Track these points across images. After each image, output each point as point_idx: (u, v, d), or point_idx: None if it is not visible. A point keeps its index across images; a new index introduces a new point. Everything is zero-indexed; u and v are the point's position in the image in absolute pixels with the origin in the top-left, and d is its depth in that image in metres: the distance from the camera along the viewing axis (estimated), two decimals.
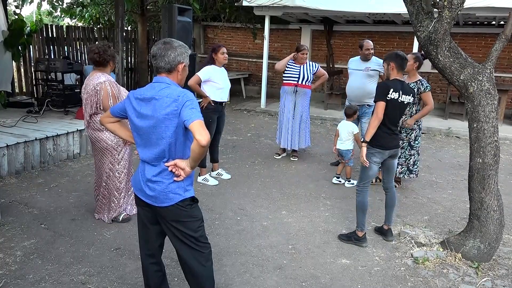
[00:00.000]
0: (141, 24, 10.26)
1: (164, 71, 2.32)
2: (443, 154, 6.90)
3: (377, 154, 3.61)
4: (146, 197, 2.38)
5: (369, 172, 3.67)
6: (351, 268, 3.36)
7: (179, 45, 2.33)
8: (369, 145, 3.61)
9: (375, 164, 3.64)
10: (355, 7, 8.39)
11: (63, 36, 9.65)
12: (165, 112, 2.22)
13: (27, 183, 4.90)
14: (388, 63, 3.66)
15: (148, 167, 2.37)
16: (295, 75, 5.89)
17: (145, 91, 2.33)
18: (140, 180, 2.40)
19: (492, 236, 3.40)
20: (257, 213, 4.32)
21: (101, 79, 3.71)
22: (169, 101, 2.22)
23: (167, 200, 2.33)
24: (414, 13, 3.53)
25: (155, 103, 2.25)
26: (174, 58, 2.30)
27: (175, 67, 2.32)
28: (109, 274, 3.14)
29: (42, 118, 6.37)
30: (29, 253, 3.38)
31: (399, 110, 3.65)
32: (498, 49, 3.31)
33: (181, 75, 2.38)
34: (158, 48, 2.31)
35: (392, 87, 3.54)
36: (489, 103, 3.32)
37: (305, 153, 6.62)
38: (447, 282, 3.19)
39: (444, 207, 4.66)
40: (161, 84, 2.31)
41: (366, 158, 3.60)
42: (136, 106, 2.33)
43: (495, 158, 3.35)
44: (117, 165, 3.89)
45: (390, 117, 3.59)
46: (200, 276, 2.50)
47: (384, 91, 3.54)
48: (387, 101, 3.51)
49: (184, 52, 2.34)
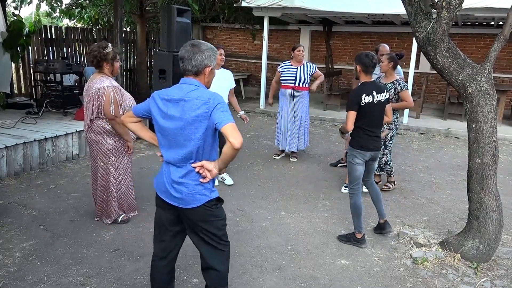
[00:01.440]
0: (140, 25, 10.26)
1: (191, 74, 2.32)
2: (442, 155, 6.90)
3: (359, 155, 3.65)
4: (172, 199, 2.37)
5: (356, 173, 3.69)
6: (350, 269, 3.36)
7: (206, 48, 2.31)
8: (351, 146, 3.68)
9: (358, 164, 3.68)
10: (354, 8, 8.40)
11: (62, 37, 9.65)
12: (194, 114, 2.22)
13: (26, 184, 4.89)
14: (355, 65, 3.66)
15: (173, 169, 2.35)
16: (292, 77, 5.91)
17: (172, 92, 2.32)
18: (165, 181, 2.38)
19: (491, 237, 3.41)
20: (256, 214, 4.32)
21: (105, 83, 3.62)
22: (199, 103, 2.21)
23: (194, 202, 2.32)
24: (412, 13, 3.54)
25: (184, 105, 2.25)
26: (201, 62, 2.29)
27: (202, 71, 2.31)
28: (108, 276, 3.13)
29: (41, 119, 6.37)
30: (28, 254, 3.37)
31: (378, 110, 3.66)
32: (496, 50, 3.31)
33: (208, 78, 2.37)
34: (185, 51, 2.30)
35: (364, 92, 3.54)
36: (488, 104, 3.32)
37: (304, 154, 6.62)
38: (446, 282, 3.19)
39: (443, 208, 4.67)
40: (189, 85, 2.30)
41: (349, 160, 3.70)
42: (162, 107, 2.32)
43: (494, 158, 3.35)
44: (113, 170, 3.82)
45: (370, 120, 3.62)
46: (219, 274, 2.50)
47: (356, 99, 3.54)
48: (362, 106, 3.52)
49: (211, 56, 2.32)
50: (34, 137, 5.36)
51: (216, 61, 4.13)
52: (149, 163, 5.81)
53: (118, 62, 3.78)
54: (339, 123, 8.78)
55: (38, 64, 7.31)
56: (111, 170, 3.82)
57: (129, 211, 4.05)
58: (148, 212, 4.21)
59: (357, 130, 3.63)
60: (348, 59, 11.56)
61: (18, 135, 5.38)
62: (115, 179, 3.85)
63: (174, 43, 6.37)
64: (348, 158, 3.74)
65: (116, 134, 3.76)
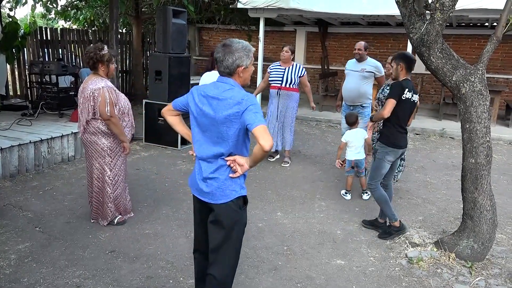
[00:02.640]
0: (136, 26, 10.25)
1: (226, 74, 2.35)
2: (437, 155, 6.94)
3: (391, 153, 3.74)
4: (203, 195, 2.41)
5: (382, 171, 3.81)
6: (346, 269, 3.38)
7: (236, 48, 2.31)
8: (385, 144, 3.75)
9: (389, 162, 3.78)
10: (349, 9, 8.43)
11: (58, 39, 9.63)
12: (226, 114, 2.26)
13: (21, 186, 4.88)
14: (398, 63, 3.77)
15: (204, 165, 2.40)
16: (279, 78, 5.91)
17: (209, 89, 2.36)
18: (197, 179, 2.43)
19: (485, 236, 3.43)
20: (252, 215, 4.33)
21: (100, 84, 3.63)
22: (232, 103, 2.25)
23: (224, 197, 2.36)
24: (406, 15, 3.56)
25: (217, 103, 2.29)
26: (232, 63, 2.30)
27: (234, 71, 2.33)
28: (104, 277, 3.13)
29: (36, 121, 6.35)
30: (23, 256, 3.36)
31: (410, 110, 3.79)
32: (489, 51, 3.34)
33: (243, 77, 2.38)
34: (217, 52, 2.33)
35: (407, 87, 3.67)
36: (481, 104, 3.35)
37: (300, 155, 6.63)
38: (441, 281, 3.22)
39: (438, 208, 4.69)
40: (225, 85, 2.34)
41: (380, 157, 3.75)
42: (199, 102, 2.36)
43: (487, 158, 3.38)
44: (109, 171, 3.82)
45: (403, 117, 3.74)
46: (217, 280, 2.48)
47: (399, 91, 3.64)
48: (402, 101, 3.64)
49: (243, 56, 2.31)
50: (30, 139, 5.35)
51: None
52: (145, 165, 5.81)
53: (113, 64, 3.78)
54: (335, 124, 8.81)
55: (34, 65, 7.29)
56: (107, 171, 3.82)
57: (125, 212, 4.05)
58: (144, 214, 4.22)
59: (389, 127, 3.72)
60: (344, 60, 11.58)
61: (13, 137, 5.36)
62: (110, 180, 3.85)
63: (169, 45, 6.38)
64: (379, 156, 3.79)
65: (111, 135, 3.76)
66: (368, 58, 5.58)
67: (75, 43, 10.12)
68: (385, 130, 3.77)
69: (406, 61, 3.73)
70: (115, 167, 3.85)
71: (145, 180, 5.21)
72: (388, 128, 3.75)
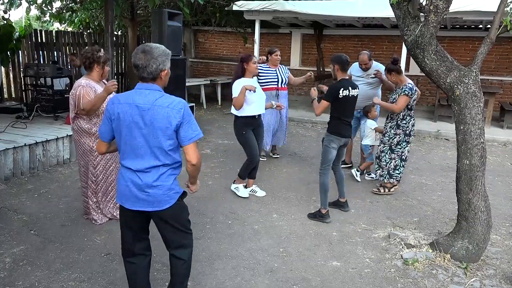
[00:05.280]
0: (131, 29, 10.25)
1: (149, 80, 2.37)
2: (432, 156, 6.97)
3: (335, 141, 4.22)
4: (143, 204, 2.41)
5: (329, 156, 4.24)
6: (342, 270, 3.39)
7: (158, 54, 2.34)
8: (329, 132, 4.25)
9: (333, 149, 4.23)
10: (344, 11, 8.46)
11: (53, 41, 9.61)
12: (166, 122, 2.28)
13: (16, 189, 4.86)
14: (333, 65, 4.18)
15: (142, 175, 2.38)
16: (274, 78, 5.98)
17: (136, 99, 2.33)
18: (132, 190, 2.40)
19: (480, 237, 3.45)
20: (248, 217, 4.33)
21: (82, 82, 3.80)
22: (170, 112, 2.29)
23: (171, 200, 2.42)
24: (401, 17, 3.59)
25: (153, 113, 2.29)
26: (156, 68, 2.33)
27: (158, 75, 2.37)
28: (99, 280, 3.12)
29: (31, 124, 6.33)
30: (18, 259, 3.35)
31: (352, 103, 4.27)
32: (483, 53, 3.37)
33: (164, 80, 2.44)
34: (138, 59, 2.32)
35: (341, 86, 4.09)
36: (475, 106, 3.37)
37: (296, 157, 6.64)
38: (436, 282, 3.23)
39: (433, 209, 4.71)
40: (154, 92, 2.34)
41: (325, 143, 4.26)
42: (130, 114, 2.33)
43: (481, 159, 3.40)
44: (93, 168, 3.95)
45: (346, 111, 4.21)
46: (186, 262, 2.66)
47: (334, 92, 4.10)
48: (340, 98, 4.08)
49: (165, 60, 2.37)
50: (25, 142, 5.33)
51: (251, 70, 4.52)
52: None
53: (108, 67, 3.97)
54: None
55: (29, 68, 7.26)
56: (90, 169, 3.96)
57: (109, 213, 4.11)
58: None
59: (335, 120, 4.21)
60: None
61: (8, 140, 5.34)
62: (95, 177, 3.97)
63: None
64: (325, 143, 4.26)
65: (92, 134, 3.87)
66: (373, 63, 5.64)
67: (70, 45, 10.10)
68: (333, 122, 4.24)
69: (339, 62, 4.14)
70: (99, 165, 3.96)
71: None
72: (335, 120, 4.23)
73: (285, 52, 12.04)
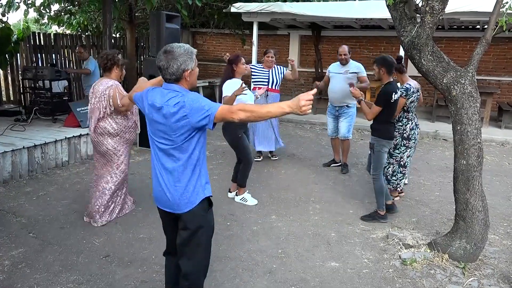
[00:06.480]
0: (129, 31, 10.25)
1: (172, 81, 2.32)
2: (430, 157, 6.98)
3: (387, 145, 4.28)
4: (166, 205, 2.41)
5: (383, 161, 4.31)
6: (340, 271, 3.39)
7: (179, 53, 2.27)
8: (381, 138, 4.24)
9: (385, 153, 4.31)
10: (342, 13, 8.48)
11: (51, 44, 9.61)
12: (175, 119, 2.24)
13: (15, 192, 4.86)
14: (379, 68, 4.14)
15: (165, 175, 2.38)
16: (265, 79, 5.99)
17: (156, 98, 2.34)
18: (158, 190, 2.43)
19: (477, 237, 3.46)
20: (247, 218, 4.34)
21: (110, 83, 3.96)
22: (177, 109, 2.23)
23: (189, 204, 2.34)
24: (397, 18, 3.60)
25: (165, 112, 2.27)
26: (177, 69, 2.27)
27: (181, 76, 2.30)
28: (98, 282, 3.13)
29: (30, 127, 6.34)
30: (17, 262, 3.35)
31: (397, 107, 4.33)
32: (479, 53, 3.38)
33: (190, 80, 2.35)
34: (160, 60, 2.30)
35: (393, 91, 4.11)
36: (472, 106, 3.39)
37: (295, 158, 6.65)
38: (434, 282, 3.24)
39: (431, 209, 4.72)
40: (171, 92, 2.30)
41: (378, 149, 4.23)
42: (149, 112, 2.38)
43: (478, 159, 3.41)
44: (116, 169, 4.09)
45: (393, 113, 4.28)
46: None
47: (388, 97, 4.09)
48: (391, 103, 4.11)
49: (187, 60, 2.28)
50: (23, 145, 5.33)
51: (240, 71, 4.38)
52: (139, 169, 5.80)
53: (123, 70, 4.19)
54: None
55: (27, 71, 7.27)
56: (114, 168, 4.10)
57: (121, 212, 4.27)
58: (139, 218, 4.22)
59: (385, 124, 4.22)
60: None
61: (6, 143, 5.34)
62: (116, 177, 4.11)
63: None
64: (378, 148, 4.24)
65: (116, 135, 4.02)
66: (350, 60, 5.86)
67: (68, 48, 10.10)
68: (383, 127, 4.23)
69: (386, 65, 4.11)
70: (122, 164, 4.11)
71: (139, 184, 5.21)
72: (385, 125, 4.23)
73: (284, 53, 12.06)
